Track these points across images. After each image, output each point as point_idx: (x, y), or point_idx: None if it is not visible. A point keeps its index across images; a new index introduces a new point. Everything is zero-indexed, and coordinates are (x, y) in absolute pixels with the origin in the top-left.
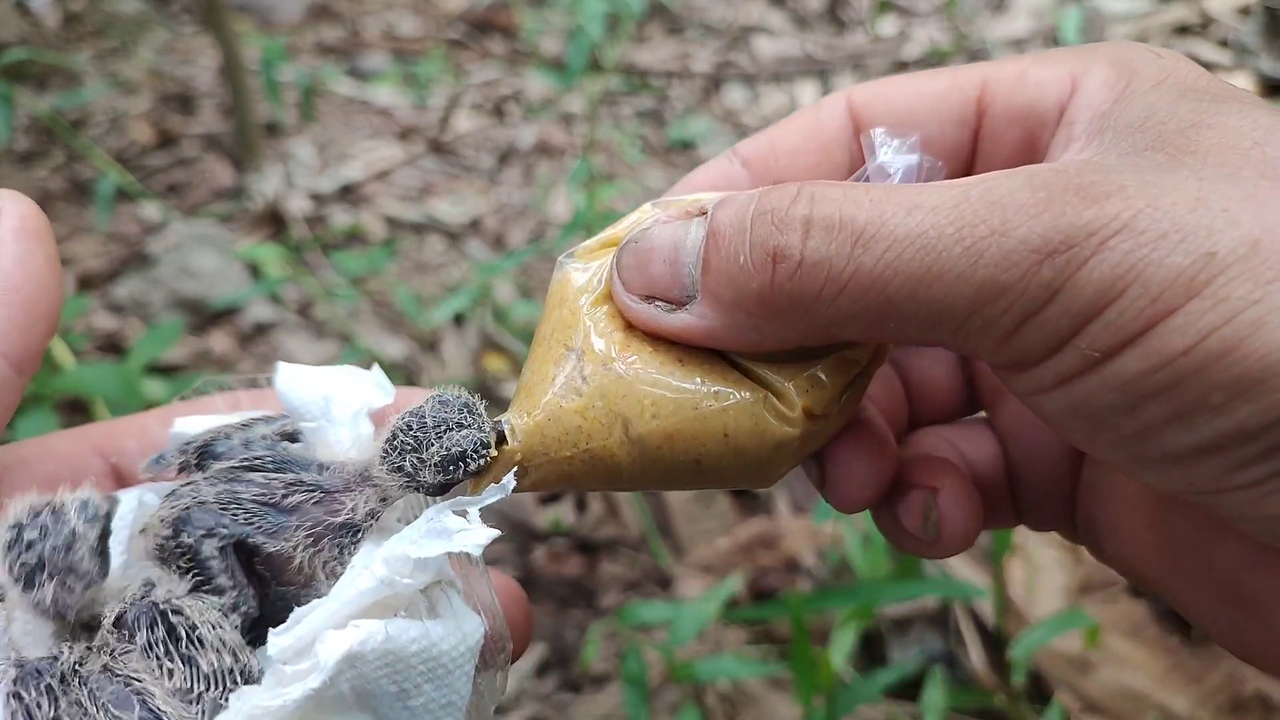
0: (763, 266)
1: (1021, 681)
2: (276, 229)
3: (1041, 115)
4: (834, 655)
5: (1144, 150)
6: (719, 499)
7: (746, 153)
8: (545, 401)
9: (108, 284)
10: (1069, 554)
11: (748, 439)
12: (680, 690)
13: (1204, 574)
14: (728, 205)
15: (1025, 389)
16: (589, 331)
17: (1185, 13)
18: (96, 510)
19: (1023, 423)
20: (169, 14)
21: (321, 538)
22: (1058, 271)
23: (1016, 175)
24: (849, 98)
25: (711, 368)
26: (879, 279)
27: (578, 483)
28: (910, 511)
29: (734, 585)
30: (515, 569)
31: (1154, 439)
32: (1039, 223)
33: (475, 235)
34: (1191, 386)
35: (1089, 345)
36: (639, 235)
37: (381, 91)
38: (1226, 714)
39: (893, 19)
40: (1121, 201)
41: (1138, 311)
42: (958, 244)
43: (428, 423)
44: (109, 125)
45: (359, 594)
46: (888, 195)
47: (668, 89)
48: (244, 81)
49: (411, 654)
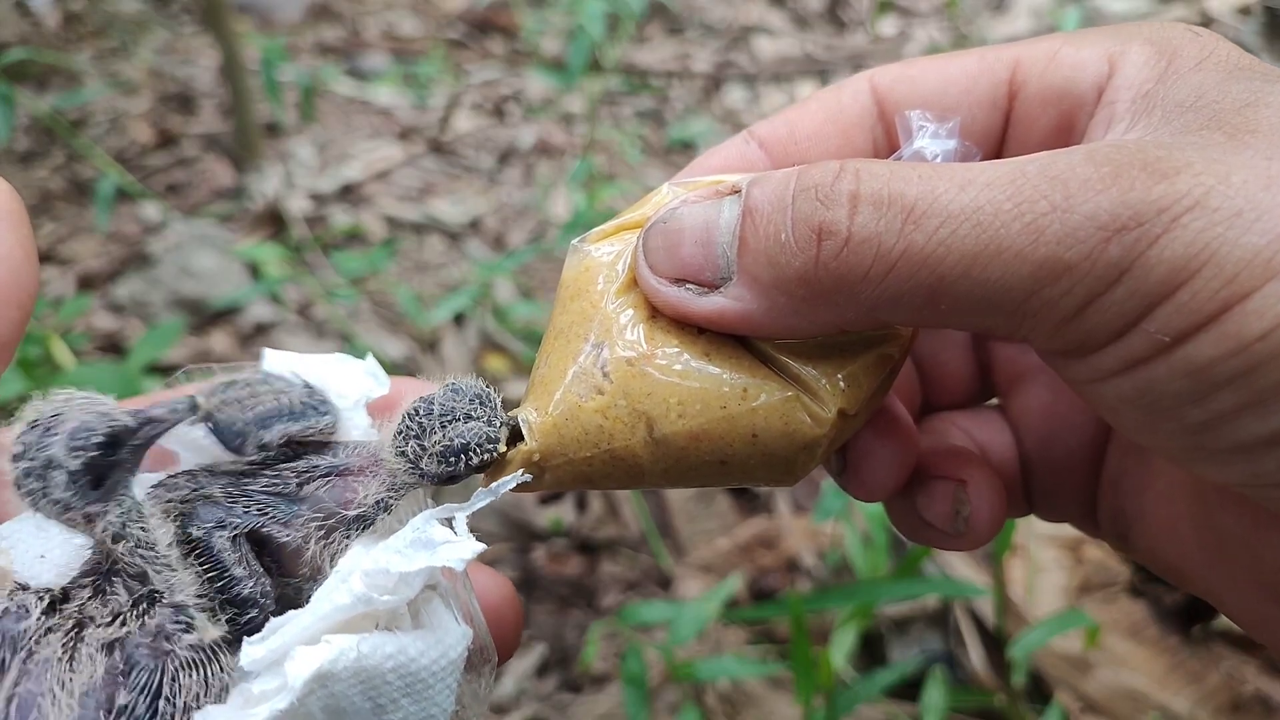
0: (806, 244)
1: (1021, 681)
2: (276, 229)
3: (1078, 96)
4: (834, 655)
5: (1199, 130)
6: (719, 499)
7: (764, 134)
8: (563, 398)
9: (108, 284)
10: (1069, 554)
11: (777, 440)
12: (680, 690)
13: (1248, 569)
14: (765, 182)
15: (1083, 376)
16: (611, 323)
17: (1185, 13)
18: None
19: (1037, 411)
20: (169, 14)
21: (334, 530)
22: (1127, 250)
23: (1074, 151)
24: (872, 79)
25: (740, 362)
26: (931, 257)
27: (596, 483)
28: (935, 504)
29: (734, 585)
30: (515, 569)
31: (1223, 429)
32: (1106, 198)
33: (475, 235)
34: (1268, 373)
35: (1159, 329)
36: (667, 215)
37: (381, 91)
38: (1226, 714)
39: (893, 19)
40: (1191, 178)
41: (1212, 293)
42: (1016, 220)
43: (435, 410)
44: (109, 125)
45: (334, 608)
46: (937, 171)
47: (668, 89)
48: (244, 81)
49: (387, 670)
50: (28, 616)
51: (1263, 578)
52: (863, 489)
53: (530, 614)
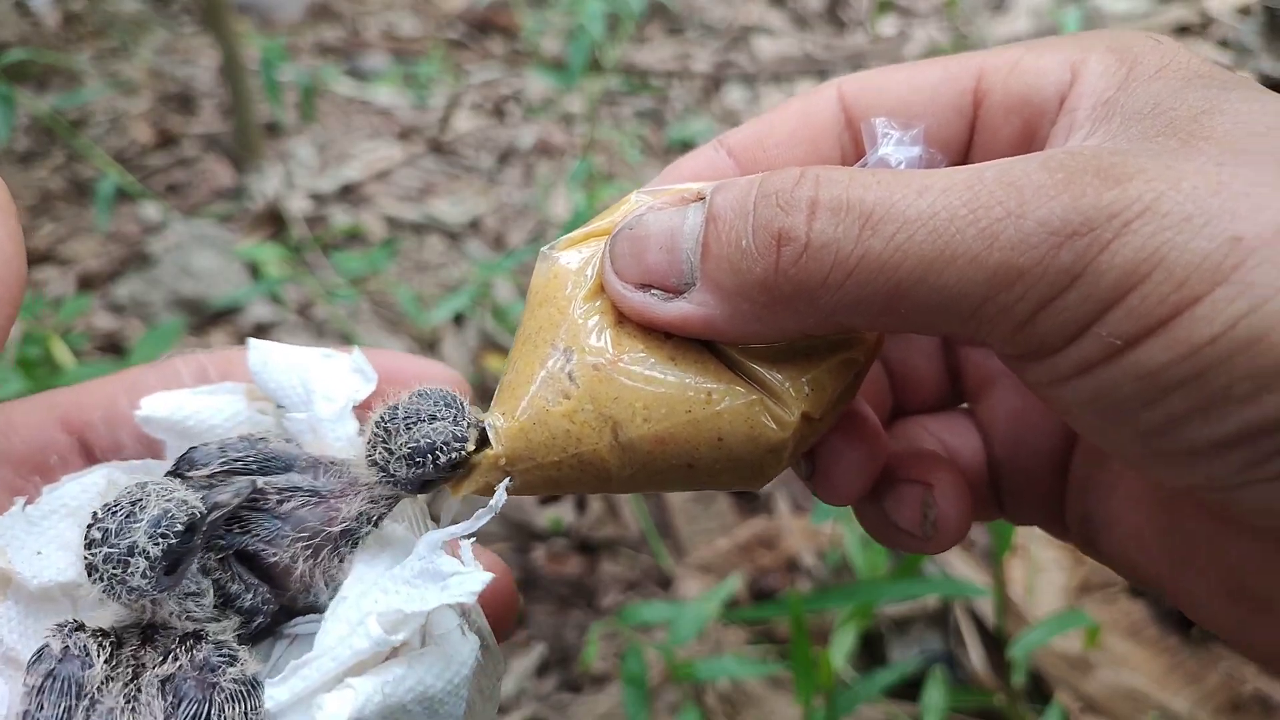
0: (766, 250)
1: (1021, 681)
2: (276, 229)
3: (1040, 104)
4: (834, 655)
5: (1155, 136)
6: (719, 499)
7: (733, 143)
8: (530, 404)
9: (108, 284)
10: (1069, 554)
11: (742, 443)
12: (680, 690)
13: (1211, 572)
14: (728, 189)
15: (1039, 380)
16: (578, 329)
17: (1185, 13)
18: (173, 523)
19: (1006, 415)
20: (169, 14)
21: (321, 548)
22: (1078, 255)
23: (1031, 159)
24: (840, 88)
25: (705, 366)
26: (888, 263)
27: (564, 488)
28: (902, 507)
29: (734, 585)
30: (515, 569)
31: (1175, 432)
32: (1058, 204)
33: (475, 235)
34: (1217, 377)
35: (1110, 333)
36: (633, 222)
37: (381, 91)
38: (1226, 714)
39: (893, 19)
40: (1143, 184)
41: (1162, 297)
42: (971, 226)
43: (400, 414)
44: (109, 125)
45: (354, 654)
46: (895, 178)
47: (668, 89)
48: (244, 81)
49: (408, 701)
50: (91, 664)
51: (1225, 579)
52: (831, 493)
53: (530, 614)
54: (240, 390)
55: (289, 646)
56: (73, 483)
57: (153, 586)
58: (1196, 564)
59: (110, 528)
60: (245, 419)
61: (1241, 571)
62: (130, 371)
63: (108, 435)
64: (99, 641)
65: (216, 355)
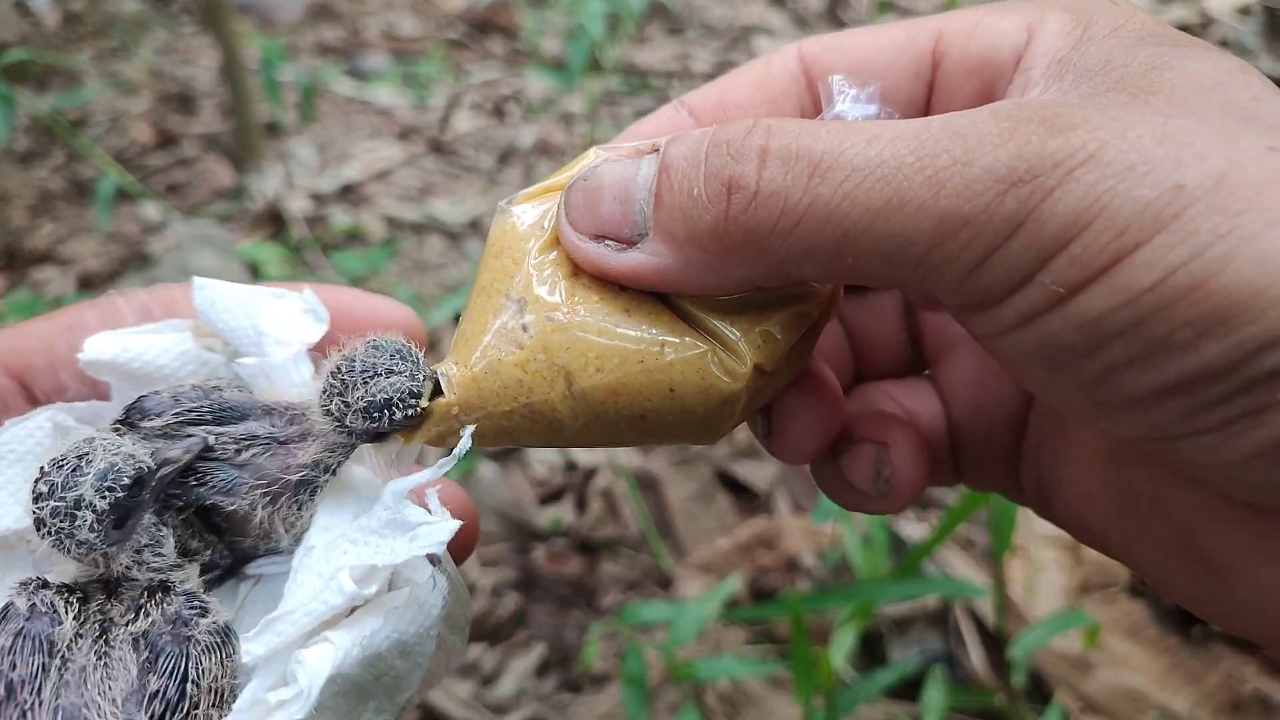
0: (717, 198)
1: (1021, 681)
2: (276, 229)
3: (998, 65)
4: (834, 655)
5: (1106, 91)
6: (719, 498)
7: (694, 103)
8: (483, 353)
9: (108, 284)
10: (1069, 554)
11: (694, 394)
12: (680, 690)
13: (1159, 529)
14: (681, 140)
15: (985, 331)
16: (531, 279)
17: (1185, 13)
18: (119, 476)
19: (965, 380)
20: (169, 14)
21: (279, 495)
22: (1022, 202)
23: (979, 110)
24: (801, 49)
25: (659, 319)
26: (836, 210)
27: (517, 439)
28: (858, 466)
29: (734, 585)
30: (515, 569)
31: (1116, 381)
32: (1004, 151)
33: (475, 235)
34: (1157, 324)
35: (1053, 280)
36: (588, 173)
37: (381, 91)
38: (1226, 714)
39: (893, 19)
40: (1088, 133)
41: (1103, 245)
42: (919, 173)
43: (356, 367)
44: (109, 125)
45: (329, 609)
46: (845, 128)
47: (668, 89)
48: (244, 81)
49: (384, 649)
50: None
51: (1171, 532)
52: (787, 451)
53: (530, 614)
54: (186, 327)
55: (254, 587)
56: (16, 427)
57: (101, 540)
58: (1143, 518)
59: (57, 481)
60: (193, 357)
61: (1188, 527)
62: (67, 311)
63: (49, 377)
64: (65, 598)
65: (159, 292)
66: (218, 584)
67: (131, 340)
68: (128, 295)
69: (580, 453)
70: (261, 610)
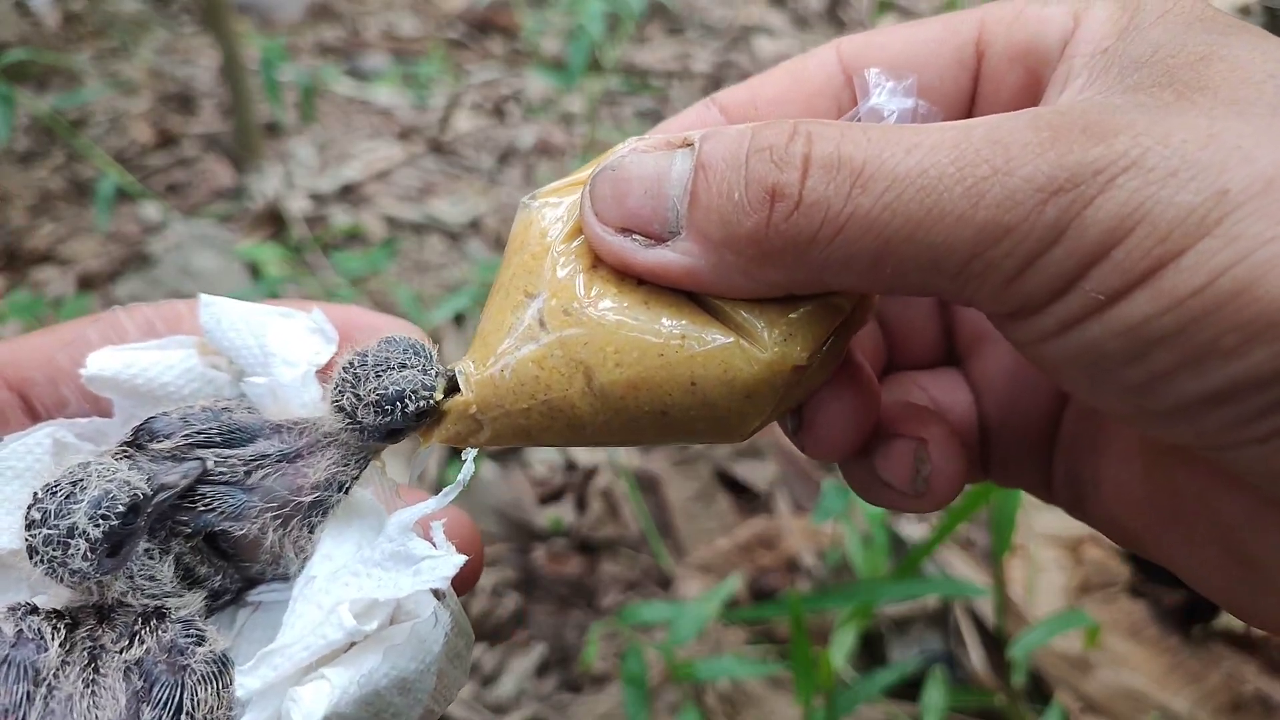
0: (759, 204)
1: (1021, 681)
2: (276, 229)
3: (1043, 53)
4: (834, 655)
5: (1150, 87)
6: (719, 498)
7: (726, 101)
8: (501, 350)
9: (108, 284)
10: (1069, 554)
11: (716, 387)
12: (680, 690)
13: (1203, 530)
14: (718, 138)
15: (1026, 338)
16: (550, 273)
17: None
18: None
19: (998, 374)
20: (169, 14)
21: (291, 518)
22: (1063, 211)
23: (1020, 116)
24: (839, 47)
25: (680, 311)
26: (877, 221)
27: (536, 438)
28: (894, 463)
29: (734, 585)
30: (515, 569)
31: (1161, 388)
32: (1044, 160)
33: (475, 235)
34: (1202, 330)
35: (1095, 288)
36: (616, 163)
37: (381, 91)
38: (1226, 714)
39: (893, 19)
40: (1130, 139)
41: (1146, 251)
42: (959, 184)
43: (369, 361)
44: (109, 125)
45: (327, 643)
46: (886, 134)
47: (668, 89)
48: (244, 81)
49: (383, 687)
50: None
51: (1220, 536)
52: (819, 446)
53: (530, 614)
54: (191, 343)
55: (253, 614)
56: (16, 443)
57: (95, 569)
58: (1187, 522)
59: (50, 509)
60: (198, 375)
61: (1233, 529)
62: (69, 325)
63: (50, 391)
64: (53, 624)
65: (164, 308)
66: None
67: (135, 356)
68: (131, 310)
69: (580, 452)
70: (259, 638)
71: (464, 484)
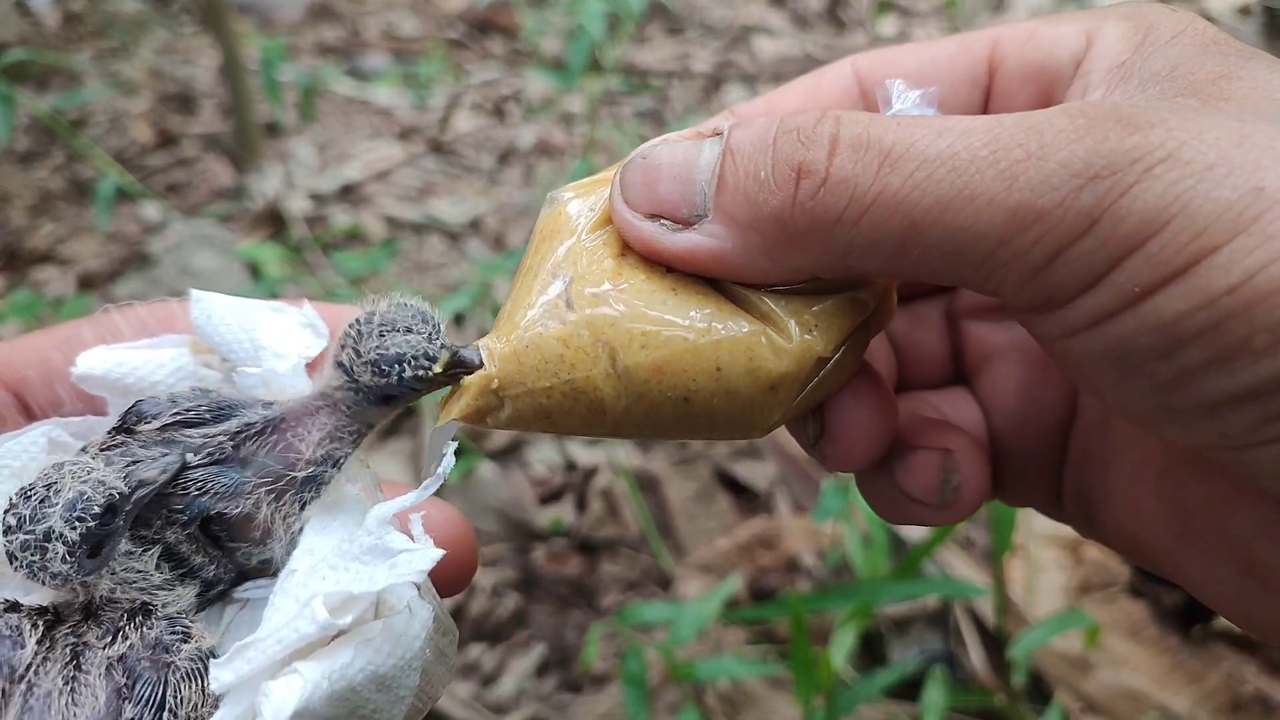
0: (785, 182)
1: (1021, 681)
2: (276, 229)
3: (1056, 71)
4: (834, 655)
5: (1174, 96)
6: (719, 499)
7: (745, 113)
8: (525, 325)
9: (108, 284)
10: (1069, 554)
11: (740, 375)
12: (680, 690)
13: (1215, 543)
14: (746, 125)
15: (1051, 332)
16: (578, 258)
17: None
18: (89, 506)
19: (1007, 390)
20: (169, 14)
21: (284, 493)
22: (1099, 198)
23: (1051, 109)
24: (854, 63)
25: (707, 298)
26: (905, 200)
27: (556, 421)
28: (918, 475)
29: (734, 585)
30: (515, 569)
31: (1190, 385)
32: (1080, 146)
33: (475, 235)
34: (1235, 327)
35: (1128, 280)
36: (646, 151)
37: (381, 91)
38: (1226, 714)
39: (893, 19)
40: (1165, 132)
41: (1181, 245)
42: (991, 166)
43: (375, 320)
44: (109, 125)
45: (300, 637)
46: (915, 121)
47: (668, 89)
48: (244, 81)
49: (359, 682)
50: (23, 645)
51: (1232, 550)
52: (841, 457)
53: (530, 614)
54: (184, 343)
55: (240, 611)
56: (11, 442)
57: (76, 571)
58: (1201, 536)
59: (25, 514)
60: (189, 373)
61: (1246, 541)
62: (64, 326)
63: (45, 391)
64: (33, 621)
65: (157, 307)
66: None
67: (127, 355)
68: (125, 310)
69: (581, 452)
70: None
71: (444, 476)
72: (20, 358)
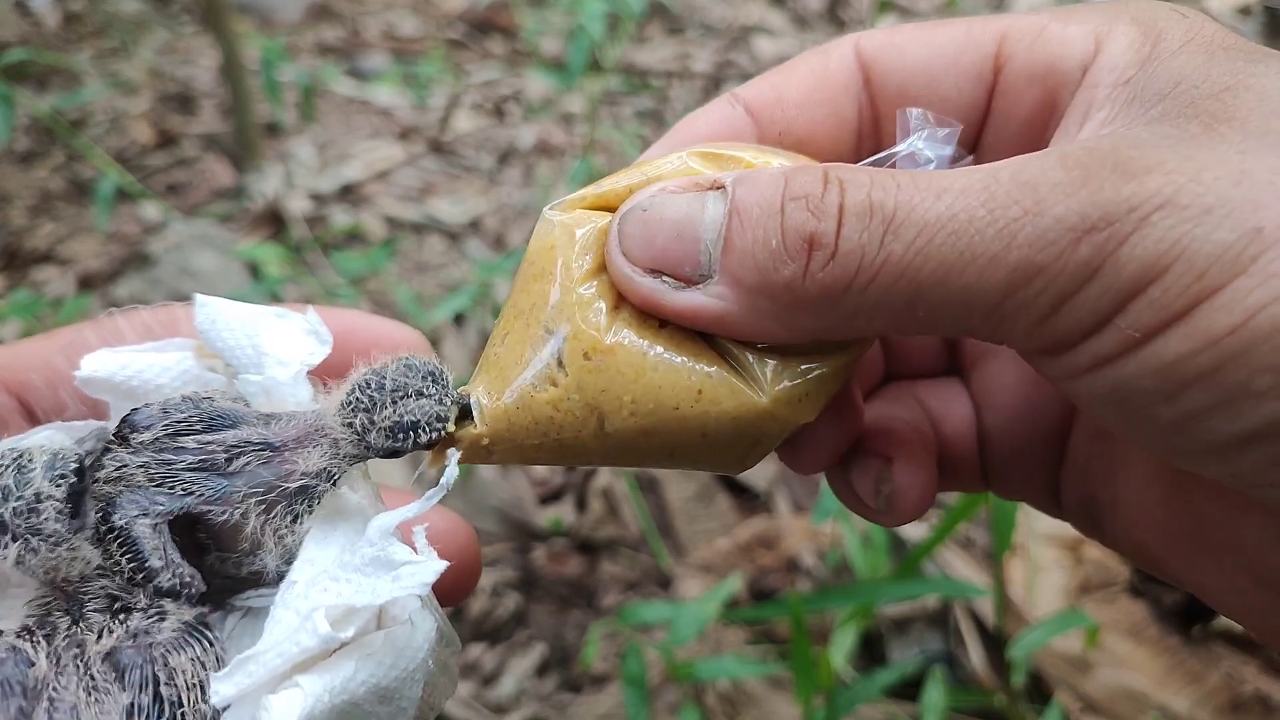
0: (798, 253)
1: (1021, 681)
2: (276, 229)
3: (1063, 75)
4: (834, 655)
5: (1176, 119)
6: (719, 499)
7: (750, 98)
8: (517, 388)
9: (108, 284)
10: (1069, 554)
11: (726, 436)
12: (680, 690)
13: (1227, 552)
14: (750, 183)
15: (1059, 374)
16: (571, 311)
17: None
18: (65, 465)
19: (1002, 387)
20: (169, 14)
21: (275, 504)
22: (1097, 249)
23: (1047, 155)
24: (858, 45)
25: (699, 356)
26: (909, 266)
27: (539, 463)
28: (863, 478)
29: (734, 585)
30: (515, 569)
31: (1195, 428)
32: (1076, 200)
33: (475, 235)
34: (1237, 369)
35: (1129, 325)
36: (646, 203)
37: (381, 91)
38: (1226, 714)
39: (893, 19)
40: (1162, 176)
41: (1183, 289)
42: (990, 226)
43: (386, 385)
44: (109, 125)
45: (301, 650)
46: (914, 180)
47: (668, 89)
48: (244, 81)
49: (361, 695)
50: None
51: (1246, 562)
52: (799, 463)
53: (530, 614)
54: (189, 346)
55: (242, 619)
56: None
57: (67, 529)
58: (1209, 544)
59: (8, 483)
60: (194, 377)
61: (1258, 551)
62: (67, 330)
63: (49, 395)
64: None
65: (162, 311)
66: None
67: (131, 358)
68: (129, 314)
69: None
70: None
71: (447, 487)
72: (24, 362)
